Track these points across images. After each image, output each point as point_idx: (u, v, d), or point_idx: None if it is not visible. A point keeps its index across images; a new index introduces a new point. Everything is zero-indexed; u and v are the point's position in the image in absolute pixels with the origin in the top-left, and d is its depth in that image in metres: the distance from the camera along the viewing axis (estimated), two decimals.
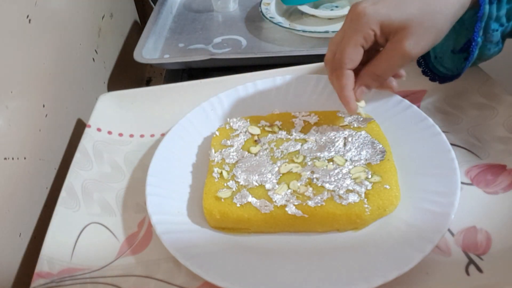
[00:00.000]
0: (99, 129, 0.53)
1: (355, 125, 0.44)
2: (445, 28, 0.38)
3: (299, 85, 0.52)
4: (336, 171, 0.40)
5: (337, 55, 0.40)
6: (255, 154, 0.44)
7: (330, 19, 0.74)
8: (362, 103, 0.43)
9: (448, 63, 0.48)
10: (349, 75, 0.41)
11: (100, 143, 0.52)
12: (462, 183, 0.38)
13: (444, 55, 0.48)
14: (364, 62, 0.41)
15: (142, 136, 0.53)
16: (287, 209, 0.38)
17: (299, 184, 0.39)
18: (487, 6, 0.39)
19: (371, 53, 0.41)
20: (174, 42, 0.76)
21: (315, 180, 0.40)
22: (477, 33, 0.40)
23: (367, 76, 0.41)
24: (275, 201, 0.38)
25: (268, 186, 0.40)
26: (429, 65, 0.50)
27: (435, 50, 0.49)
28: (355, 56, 0.40)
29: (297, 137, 0.45)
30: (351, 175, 0.39)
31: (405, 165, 0.41)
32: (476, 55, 0.42)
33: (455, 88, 0.50)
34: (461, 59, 0.46)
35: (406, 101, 0.47)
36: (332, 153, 0.42)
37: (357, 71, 0.42)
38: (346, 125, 0.45)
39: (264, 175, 0.41)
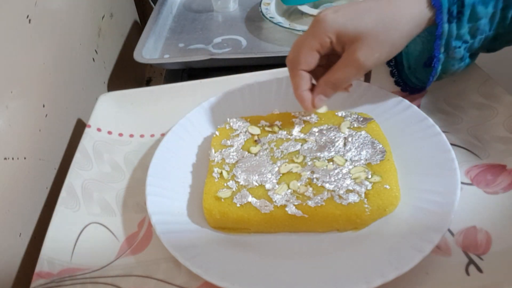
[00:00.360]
0: (99, 129, 0.53)
1: (355, 125, 0.44)
2: (400, 44, 0.39)
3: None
4: (336, 171, 0.40)
5: (293, 56, 0.42)
6: (255, 154, 0.44)
7: None
8: (322, 109, 0.44)
9: (421, 75, 0.49)
10: (303, 76, 0.42)
11: (100, 143, 0.52)
12: (462, 183, 0.38)
13: (418, 67, 0.49)
14: (326, 67, 0.42)
15: (142, 136, 0.53)
16: (287, 209, 0.38)
17: (299, 184, 0.39)
18: (445, 25, 0.39)
19: (333, 60, 0.42)
20: (174, 42, 0.76)
21: (315, 180, 0.40)
22: (437, 50, 0.40)
23: (324, 84, 0.42)
24: (275, 201, 0.38)
25: (268, 186, 0.40)
26: (402, 75, 0.51)
27: (409, 61, 0.50)
28: (309, 59, 0.41)
29: (297, 137, 0.45)
30: (351, 175, 0.39)
31: (405, 165, 0.41)
32: (440, 70, 0.42)
33: (455, 88, 0.51)
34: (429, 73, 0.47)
35: (406, 101, 0.47)
36: (332, 153, 0.42)
37: (318, 77, 0.43)
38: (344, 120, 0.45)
39: (264, 175, 0.41)
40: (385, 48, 0.39)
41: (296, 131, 0.45)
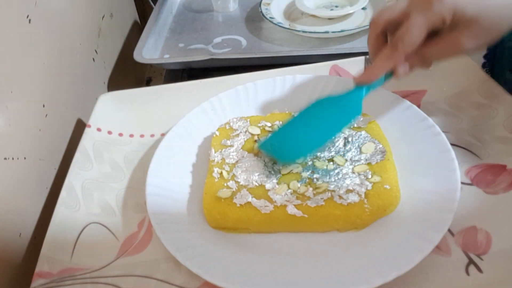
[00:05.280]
0: (99, 129, 0.53)
1: (355, 125, 0.44)
2: (504, 33, 0.37)
3: (299, 85, 0.52)
4: (336, 171, 0.40)
5: (403, 35, 0.37)
6: (255, 154, 0.44)
7: (330, 19, 0.74)
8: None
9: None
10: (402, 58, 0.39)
11: (100, 143, 0.52)
12: (462, 183, 0.38)
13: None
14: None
15: (142, 136, 0.53)
16: (287, 209, 0.38)
17: (299, 184, 0.39)
18: None
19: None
20: (174, 42, 0.76)
21: (315, 180, 0.40)
22: None
23: (416, 57, 0.39)
24: (275, 201, 0.38)
25: (268, 186, 0.40)
26: (494, 71, 0.47)
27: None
28: (419, 41, 0.37)
29: None
30: (351, 175, 0.39)
31: (405, 165, 0.41)
32: None
33: (455, 88, 0.51)
34: None
35: (406, 101, 0.47)
36: (332, 153, 0.42)
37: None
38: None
39: (264, 175, 0.41)
40: (491, 36, 0.36)
41: None
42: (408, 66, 0.40)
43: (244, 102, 0.51)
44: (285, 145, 0.42)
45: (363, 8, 0.74)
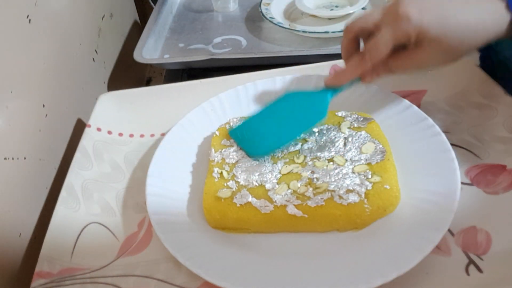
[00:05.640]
0: (99, 129, 0.53)
1: (355, 125, 0.44)
2: (467, 54, 0.39)
3: (299, 85, 0.52)
4: (336, 171, 0.40)
5: (370, 47, 0.40)
6: None
7: (330, 19, 0.74)
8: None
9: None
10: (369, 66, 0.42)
11: (100, 143, 0.52)
12: (462, 183, 0.38)
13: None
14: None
15: (142, 136, 0.53)
16: (287, 209, 0.38)
17: (299, 184, 0.39)
18: None
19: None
20: (174, 42, 0.76)
21: (315, 180, 0.40)
22: None
23: (383, 66, 0.41)
24: (275, 201, 0.38)
25: (268, 186, 0.40)
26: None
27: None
28: (385, 54, 0.40)
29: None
30: (351, 175, 0.39)
31: (405, 165, 0.41)
32: None
33: (455, 88, 0.51)
34: None
35: (406, 101, 0.47)
36: (332, 153, 0.42)
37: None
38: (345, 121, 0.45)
39: (264, 175, 0.41)
40: (454, 55, 0.39)
41: None
42: (375, 73, 0.42)
43: (244, 102, 0.51)
44: (251, 138, 0.44)
45: (363, 8, 0.74)
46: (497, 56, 0.48)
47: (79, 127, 0.63)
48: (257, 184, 0.40)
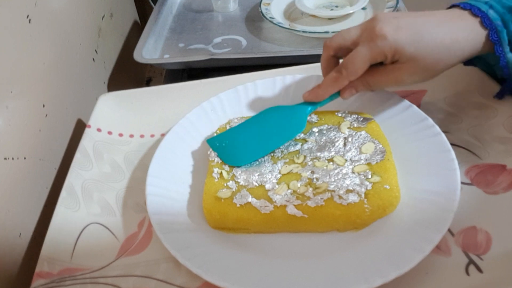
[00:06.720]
0: (99, 129, 0.53)
1: (355, 125, 0.44)
2: (443, 71, 0.41)
3: (299, 85, 0.52)
4: (336, 171, 0.40)
5: (347, 64, 0.41)
6: None
7: (330, 19, 0.74)
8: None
9: None
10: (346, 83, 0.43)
11: (100, 143, 0.52)
12: (462, 183, 0.38)
13: None
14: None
15: (142, 136, 0.53)
16: (287, 209, 0.38)
17: (299, 184, 0.39)
18: (509, 55, 0.40)
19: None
20: (174, 42, 0.76)
21: (315, 180, 0.40)
22: (508, 78, 0.43)
23: (360, 82, 0.43)
24: (275, 201, 0.38)
25: (268, 186, 0.40)
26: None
27: None
28: (361, 71, 0.41)
29: (297, 137, 0.45)
30: (351, 175, 0.39)
31: (405, 165, 0.41)
32: None
33: (455, 88, 0.51)
34: None
35: (406, 101, 0.47)
36: (332, 153, 0.42)
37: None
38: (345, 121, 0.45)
39: (264, 175, 0.41)
40: (429, 74, 0.41)
41: None
42: (354, 89, 0.44)
43: (244, 102, 0.51)
44: (228, 147, 0.44)
45: (363, 8, 0.74)
46: (482, 65, 0.49)
47: (79, 127, 0.63)
48: (257, 184, 0.40)
